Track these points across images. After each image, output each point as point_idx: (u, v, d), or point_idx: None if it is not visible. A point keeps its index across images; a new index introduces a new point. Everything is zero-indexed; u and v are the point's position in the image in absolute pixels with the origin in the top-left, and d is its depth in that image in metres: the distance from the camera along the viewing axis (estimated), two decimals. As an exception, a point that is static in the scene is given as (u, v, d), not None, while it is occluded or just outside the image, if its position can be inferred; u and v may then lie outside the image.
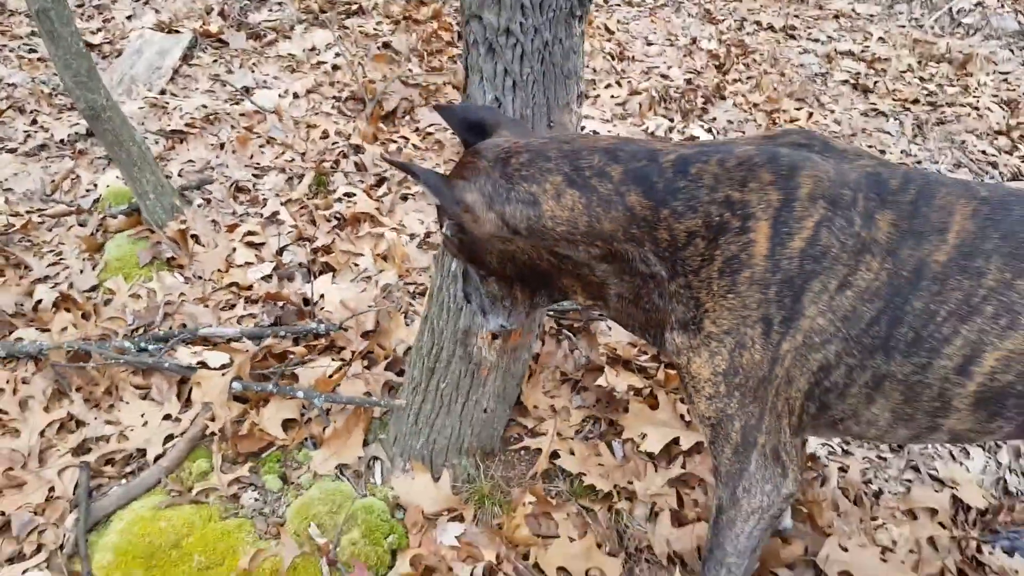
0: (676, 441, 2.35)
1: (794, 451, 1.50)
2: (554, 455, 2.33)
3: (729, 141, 1.46)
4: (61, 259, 3.17)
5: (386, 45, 5.13)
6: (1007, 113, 4.82)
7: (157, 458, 2.32)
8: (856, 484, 2.29)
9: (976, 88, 5.19)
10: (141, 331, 2.78)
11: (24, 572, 2.01)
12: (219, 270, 3.11)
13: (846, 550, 2.04)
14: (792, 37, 5.95)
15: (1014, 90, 5.19)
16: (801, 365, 1.36)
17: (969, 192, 1.34)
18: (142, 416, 2.44)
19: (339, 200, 3.58)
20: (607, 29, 5.73)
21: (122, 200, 3.45)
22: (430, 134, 4.23)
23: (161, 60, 4.82)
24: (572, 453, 2.32)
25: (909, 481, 2.34)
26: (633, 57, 5.38)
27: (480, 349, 2.10)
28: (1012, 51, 5.85)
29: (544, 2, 1.63)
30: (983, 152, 4.36)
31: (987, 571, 2.08)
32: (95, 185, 3.65)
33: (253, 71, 4.81)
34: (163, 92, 4.53)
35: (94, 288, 3.02)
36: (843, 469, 2.34)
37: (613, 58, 5.30)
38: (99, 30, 5.36)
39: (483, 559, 2.02)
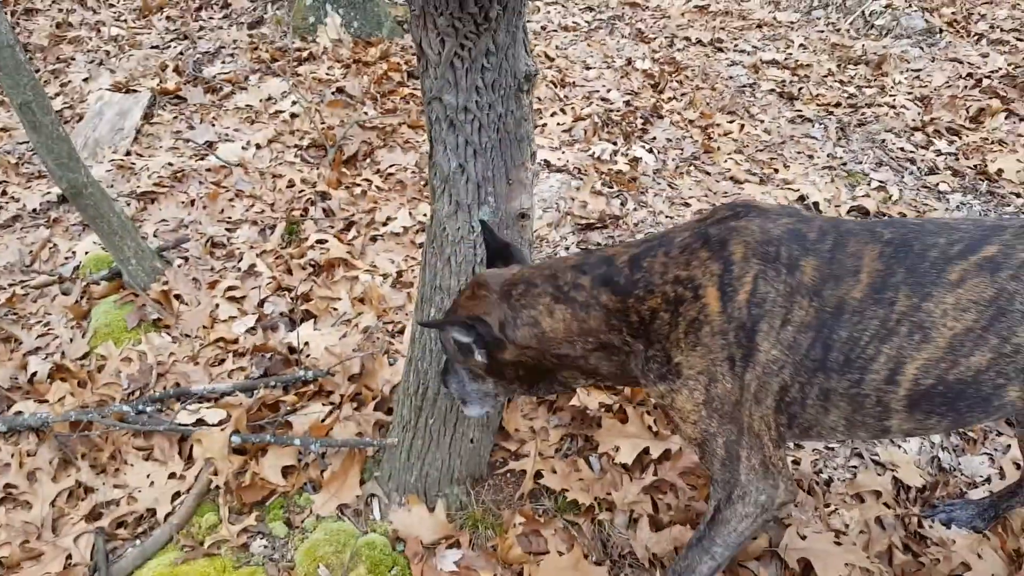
0: (647, 451, 2.51)
1: (781, 463, 1.69)
2: (538, 475, 2.46)
3: (668, 233, 1.71)
4: (50, 329, 3.23)
5: (340, 90, 5.23)
6: (921, 109, 5.08)
7: (167, 516, 2.40)
8: (808, 475, 2.47)
9: (892, 87, 5.46)
10: (137, 394, 2.86)
11: (54, 638, 2.09)
12: (204, 327, 3.19)
13: (804, 538, 2.22)
14: (720, 50, 6.17)
15: (926, 86, 5.46)
16: (765, 388, 1.58)
17: (875, 237, 1.56)
18: (148, 477, 2.52)
19: (312, 247, 3.67)
20: (547, 56, 5.90)
21: (102, 265, 3.51)
22: (391, 175, 4.34)
23: (123, 121, 4.86)
24: (554, 471, 2.46)
25: (855, 467, 2.52)
26: (574, 83, 5.54)
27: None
28: (922, 48, 6.14)
29: (495, 83, 1.78)
30: (901, 149, 4.60)
31: (928, 543, 2.27)
32: (74, 252, 3.70)
33: (214, 125, 4.88)
34: (128, 153, 4.58)
35: (86, 355, 3.08)
36: (796, 462, 2.52)
37: (555, 85, 5.47)
38: (57, 94, 5.38)
39: (482, 581, 2.15)
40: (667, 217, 3.91)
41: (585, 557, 2.23)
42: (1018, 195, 4.08)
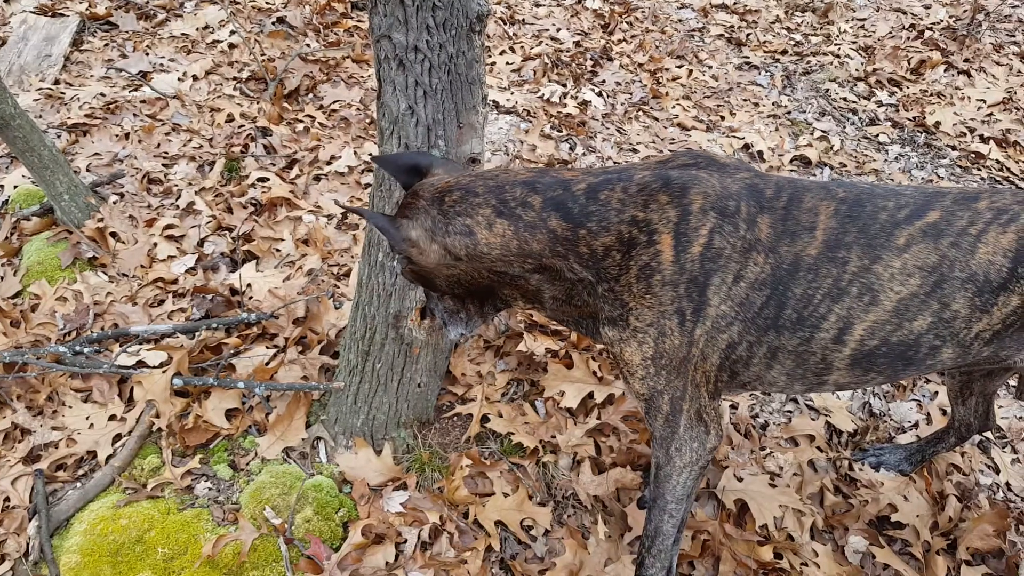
0: (591, 395, 2.56)
1: (714, 412, 1.73)
2: (484, 418, 2.49)
3: (628, 167, 1.65)
4: (-22, 266, 3.10)
5: (280, 20, 5.03)
6: (864, 59, 5.14)
7: (108, 458, 2.36)
8: (745, 419, 2.55)
9: (837, 36, 5.51)
10: (74, 335, 2.77)
11: (-8, 581, 2.06)
12: (142, 266, 3.10)
13: (740, 479, 2.31)
14: (670, -8, 6.11)
15: (870, 36, 5.52)
16: (712, 344, 1.59)
17: (830, 194, 1.58)
18: (87, 419, 2.47)
19: (253, 186, 3.57)
20: (496, -9, 5.76)
21: (33, 201, 3.36)
22: (335, 111, 4.23)
23: (49, 47, 4.60)
24: (500, 415, 2.49)
25: (790, 412, 2.62)
26: (523, 20, 5.44)
27: (411, 330, 2.23)
28: (867, -3, 6.19)
29: (447, 22, 1.74)
30: (844, 99, 4.67)
31: (858, 485, 2.38)
32: (1, 186, 3.53)
33: (148, 54, 4.65)
34: (57, 82, 4.34)
35: (18, 294, 2.97)
36: (733, 407, 2.60)
37: (505, 22, 5.35)
38: (-23, 16, 5.04)
39: (428, 522, 2.19)
40: (615, 163, 3.91)
41: (530, 498, 2.28)
42: (953, 148, 4.19)
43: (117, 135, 3.88)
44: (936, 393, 2.71)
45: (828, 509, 2.30)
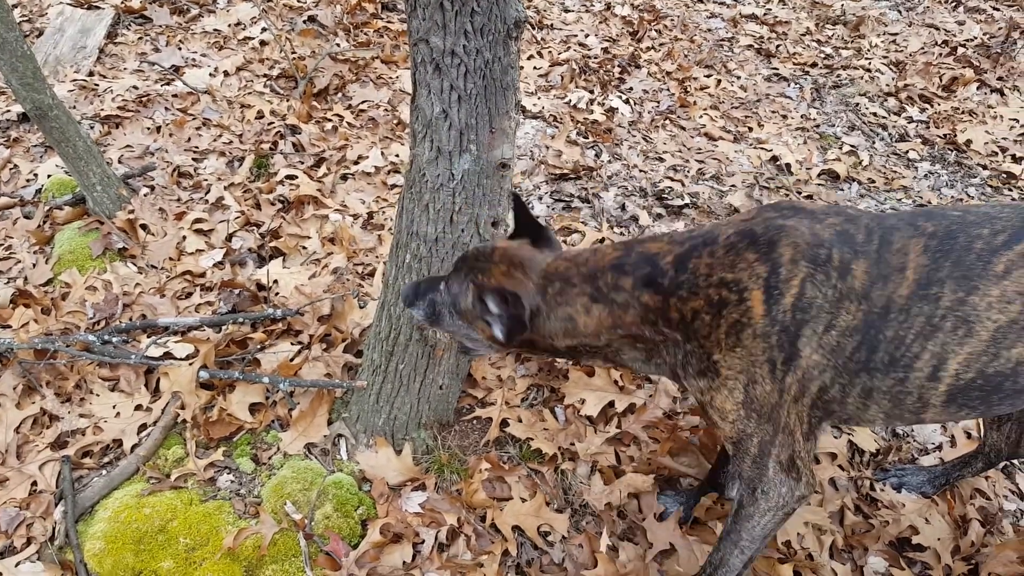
0: (611, 404, 2.56)
1: (807, 455, 1.71)
2: (504, 423, 2.51)
3: (712, 229, 1.67)
4: (11, 253, 3.15)
5: (312, 19, 5.08)
6: (896, 75, 5.11)
7: (133, 447, 2.40)
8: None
9: (868, 50, 5.48)
10: (103, 324, 2.82)
11: (17, 565, 2.09)
12: (171, 258, 3.15)
13: (761, 494, 2.30)
14: (700, 0, 6.11)
15: (901, 51, 5.49)
16: (805, 390, 1.60)
17: (918, 231, 1.56)
18: (114, 408, 2.51)
19: (281, 183, 3.61)
20: (527, -4, 5.79)
21: (65, 190, 3.42)
22: (363, 111, 4.26)
23: (85, 39, 4.68)
24: (520, 420, 2.51)
25: (812, 428, 2.61)
26: (552, 25, 5.46)
27: (435, 333, 2.25)
28: (900, 12, 6.15)
29: (484, 27, 1.75)
30: (874, 114, 4.65)
31: (879, 505, 2.37)
32: (35, 175, 3.59)
33: (180, 49, 4.71)
34: (91, 73, 4.42)
35: (49, 282, 3.03)
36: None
37: (533, 27, 5.38)
38: (15, 6, 5.13)
39: (445, 523, 2.21)
40: (641, 171, 3.92)
41: (547, 504, 2.29)
42: (984, 167, 4.16)
43: (149, 128, 3.94)
44: (960, 414, 2.69)
45: (848, 528, 2.29)
